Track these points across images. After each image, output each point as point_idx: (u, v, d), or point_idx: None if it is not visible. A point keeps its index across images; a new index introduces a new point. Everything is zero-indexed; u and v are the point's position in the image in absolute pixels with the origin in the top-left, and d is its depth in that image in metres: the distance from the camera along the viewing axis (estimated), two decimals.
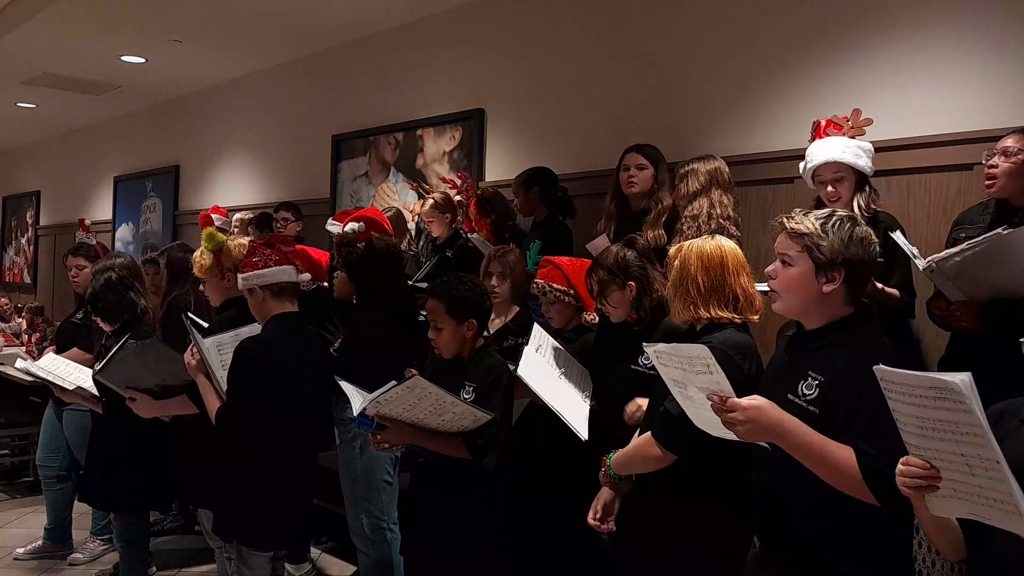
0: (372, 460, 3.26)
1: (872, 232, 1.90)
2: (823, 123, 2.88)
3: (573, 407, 2.58)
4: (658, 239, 3.26)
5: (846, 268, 1.81)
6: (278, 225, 5.44)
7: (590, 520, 2.39)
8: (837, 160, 2.77)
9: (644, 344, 2.08)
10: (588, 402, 2.64)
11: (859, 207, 2.75)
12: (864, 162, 2.79)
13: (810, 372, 1.81)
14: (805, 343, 1.90)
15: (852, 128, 2.85)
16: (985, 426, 1.29)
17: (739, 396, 1.81)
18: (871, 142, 2.88)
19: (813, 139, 2.89)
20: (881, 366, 1.42)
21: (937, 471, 1.39)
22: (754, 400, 1.78)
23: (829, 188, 2.80)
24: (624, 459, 2.33)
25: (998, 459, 1.29)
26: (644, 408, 2.43)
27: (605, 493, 2.41)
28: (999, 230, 2.34)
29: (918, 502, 1.49)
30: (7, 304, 7.78)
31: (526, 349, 2.71)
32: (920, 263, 2.45)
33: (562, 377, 2.71)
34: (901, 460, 1.45)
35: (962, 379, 1.29)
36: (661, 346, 1.94)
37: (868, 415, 1.68)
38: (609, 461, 2.37)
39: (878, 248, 1.91)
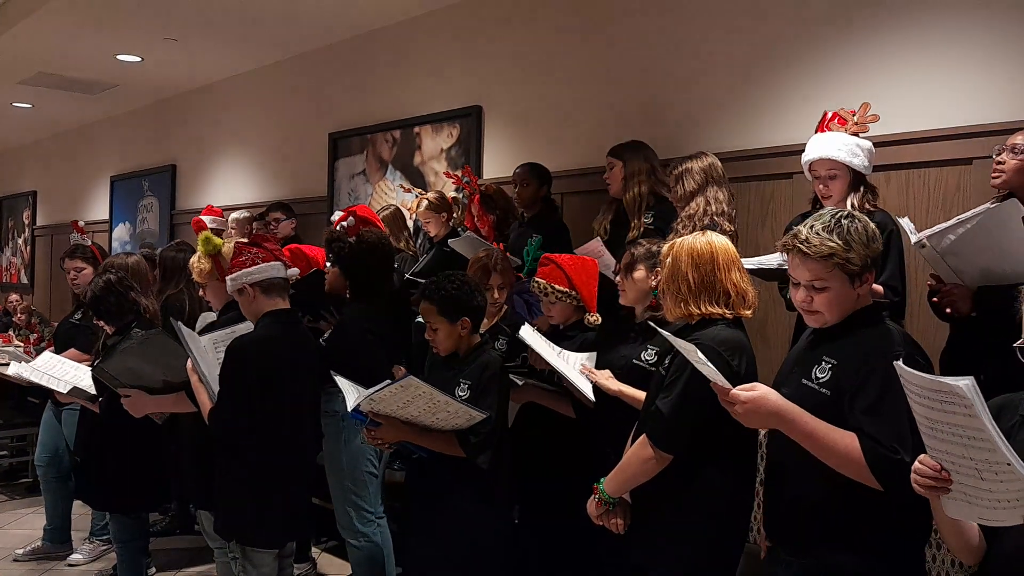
0: (356, 453, 3.27)
1: (868, 218, 1.93)
2: (828, 115, 2.81)
3: (576, 376, 2.64)
4: (641, 227, 3.26)
5: (874, 266, 1.88)
6: (272, 227, 5.42)
7: (592, 514, 2.33)
8: (831, 157, 2.71)
9: (657, 327, 2.16)
10: (587, 379, 2.64)
11: (852, 207, 2.68)
12: (860, 161, 2.72)
13: (824, 357, 1.86)
14: (827, 334, 1.91)
15: (856, 124, 2.77)
16: (991, 429, 1.27)
17: None
18: (870, 137, 2.83)
19: (817, 130, 2.82)
20: (900, 364, 1.42)
21: (948, 474, 1.38)
22: (754, 392, 1.83)
23: (821, 186, 2.77)
24: (618, 475, 2.26)
25: (1008, 460, 1.27)
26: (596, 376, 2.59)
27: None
28: (988, 204, 2.36)
29: (934, 502, 1.49)
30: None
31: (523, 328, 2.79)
32: (913, 238, 2.44)
33: (560, 355, 2.74)
34: (918, 459, 1.46)
35: (965, 384, 1.26)
36: (666, 333, 2.03)
37: (874, 398, 1.72)
38: (600, 486, 2.28)
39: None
